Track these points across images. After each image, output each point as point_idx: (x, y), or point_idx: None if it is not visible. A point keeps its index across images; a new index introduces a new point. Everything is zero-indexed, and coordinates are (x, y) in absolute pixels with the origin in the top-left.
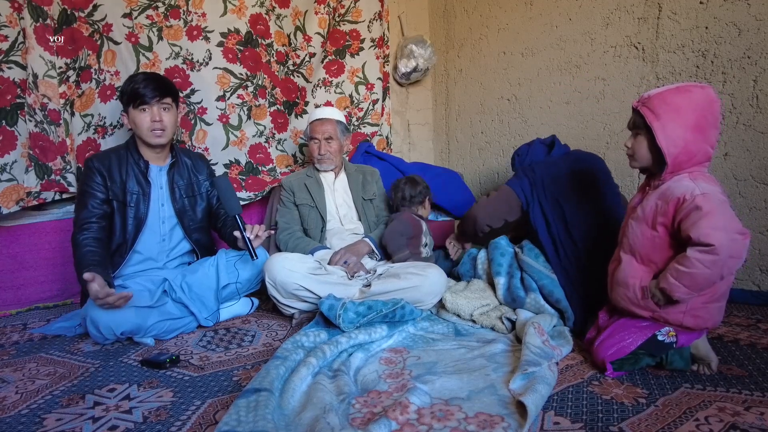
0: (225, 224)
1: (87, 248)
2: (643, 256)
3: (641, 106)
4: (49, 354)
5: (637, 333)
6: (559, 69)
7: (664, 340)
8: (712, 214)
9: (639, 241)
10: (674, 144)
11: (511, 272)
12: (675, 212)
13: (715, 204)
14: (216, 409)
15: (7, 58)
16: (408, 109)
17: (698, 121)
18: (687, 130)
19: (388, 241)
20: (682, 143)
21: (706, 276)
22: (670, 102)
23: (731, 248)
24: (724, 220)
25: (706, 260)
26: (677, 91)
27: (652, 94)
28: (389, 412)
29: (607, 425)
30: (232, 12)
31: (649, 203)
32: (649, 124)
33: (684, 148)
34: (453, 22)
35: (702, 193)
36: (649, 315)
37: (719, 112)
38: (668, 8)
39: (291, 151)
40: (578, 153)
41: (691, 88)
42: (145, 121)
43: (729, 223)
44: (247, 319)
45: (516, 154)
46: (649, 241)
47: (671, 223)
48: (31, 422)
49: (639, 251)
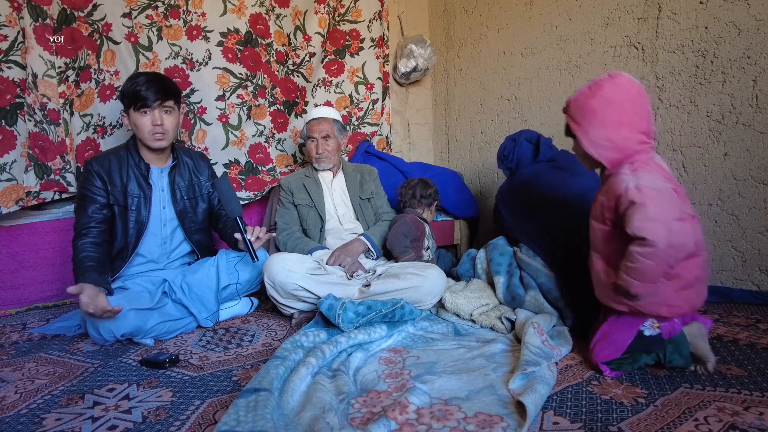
0: (226, 225)
1: (84, 254)
2: (602, 253)
3: (565, 114)
4: (49, 354)
5: (625, 331)
6: (558, 69)
7: (651, 334)
8: (644, 206)
9: (598, 238)
10: (600, 146)
11: (511, 271)
12: (616, 208)
13: (647, 195)
14: (215, 409)
15: (7, 57)
16: (408, 109)
17: (618, 117)
18: (608, 129)
19: (393, 245)
20: (608, 143)
21: (651, 268)
22: (584, 106)
23: (668, 238)
24: (656, 211)
25: (645, 253)
26: (590, 91)
27: (571, 100)
28: (388, 411)
29: (607, 425)
30: (232, 12)
31: (598, 200)
32: (573, 132)
33: (611, 145)
34: (453, 22)
35: (635, 187)
36: (627, 309)
37: (639, 95)
38: (668, 8)
39: (291, 151)
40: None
41: (601, 85)
42: (146, 124)
43: (663, 213)
44: (246, 318)
45: (502, 155)
46: (603, 236)
47: (616, 218)
48: (31, 422)
49: (599, 248)
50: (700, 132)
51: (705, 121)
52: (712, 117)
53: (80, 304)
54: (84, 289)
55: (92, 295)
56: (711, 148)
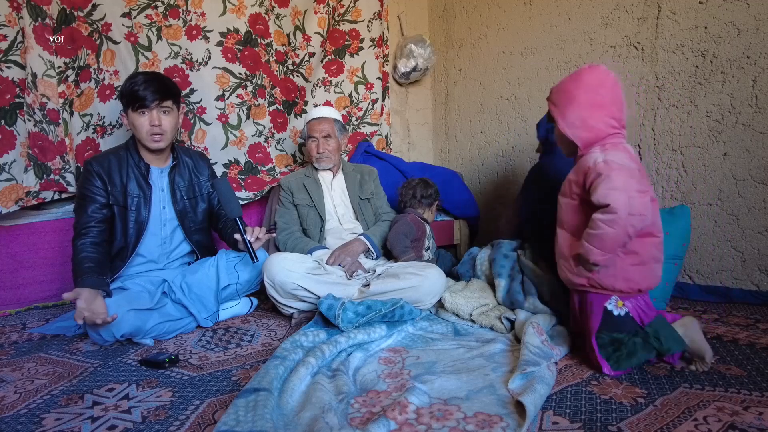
0: (225, 225)
1: (83, 254)
2: (569, 226)
3: (548, 101)
4: (48, 354)
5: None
6: (558, 69)
7: (618, 313)
8: (610, 177)
9: (565, 213)
10: (573, 125)
11: (513, 275)
12: (584, 181)
13: (614, 168)
14: (215, 409)
15: (6, 57)
16: (407, 109)
17: (593, 100)
18: (582, 109)
19: (393, 244)
20: (580, 122)
21: (611, 235)
22: (564, 90)
23: (629, 205)
24: (621, 181)
25: (607, 220)
26: (571, 78)
27: (553, 87)
28: (388, 411)
29: (606, 425)
30: (232, 11)
31: (568, 179)
32: (553, 116)
33: (583, 124)
34: (452, 22)
35: (604, 161)
36: (586, 282)
37: (614, 86)
38: (667, 8)
39: (290, 151)
40: None
41: (581, 72)
42: (144, 125)
43: (627, 183)
44: (246, 318)
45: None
46: (571, 210)
47: (583, 191)
48: (30, 422)
49: (566, 222)
50: (700, 132)
51: (704, 121)
52: (712, 117)
53: (76, 311)
54: (80, 294)
55: (89, 299)
56: (710, 148)
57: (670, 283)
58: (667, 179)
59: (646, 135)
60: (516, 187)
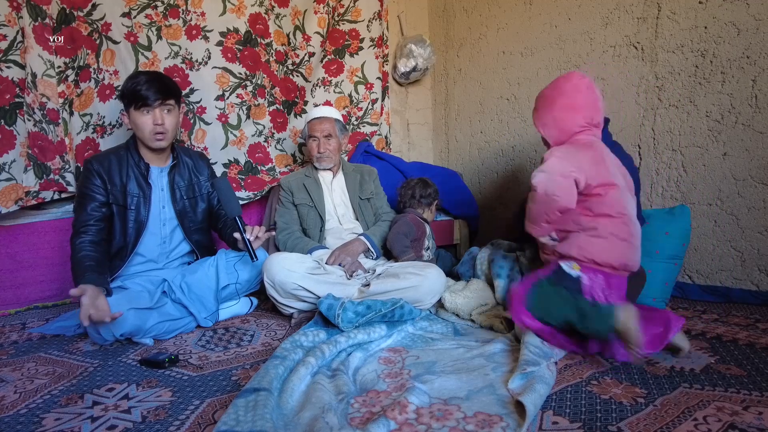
0: (225, 225)
1: (82, 253)
2: None
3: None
4: (48, 353)
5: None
6: (558, 69)
7: (570, 274)
8: (545, 161)
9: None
10: (546, 125)
11: (512, 276)
12: None
13: (553, 154)
14: (215, 409)
15: (6, 57)
16: (407, 109)
17: (565, 104)
18: (556, 111)
19: (393, 244)
20: (551, 121)
21: (533, 210)
22: (543, 95)
23: (545, 186)
24: (549, 165)
25: (531, 197)
26: (549, 86)
27: (537, 95)
28: (388, 411)
29: (606, 425)
30: (231, 11)
31: None
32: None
33: (554, 124)
34: (452, 22)
35: (550, 151)
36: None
37: (588, 89)
38: (667, 8)
39: (290, 151)
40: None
41: (558, 81)
42: (147, 124)
43: (552, 167)
44: (246, 318)
45: None
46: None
47: None
48: (30, 422)
49: None
50: (700, 132)
51: (704, 120)
52: (712, 117)
53: (81, 309)
54: (86, 291)
55: (93, 296)
56: (710, 148)
57: (670, 283)
58: (667, 179)
59: (646, 135)
60: (516, 186)
